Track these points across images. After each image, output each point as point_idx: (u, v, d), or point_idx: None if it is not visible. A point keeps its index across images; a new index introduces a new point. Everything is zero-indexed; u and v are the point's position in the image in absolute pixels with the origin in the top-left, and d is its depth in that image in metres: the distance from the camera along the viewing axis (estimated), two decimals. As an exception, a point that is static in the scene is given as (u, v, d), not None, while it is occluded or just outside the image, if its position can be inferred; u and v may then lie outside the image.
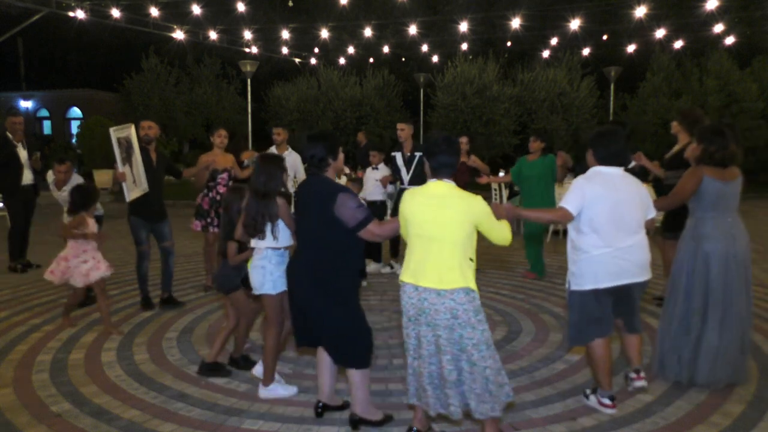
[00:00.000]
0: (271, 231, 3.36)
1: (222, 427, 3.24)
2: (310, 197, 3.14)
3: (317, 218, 3.07)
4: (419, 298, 2.79)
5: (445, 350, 2.77)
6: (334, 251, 3.07)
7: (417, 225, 2.84)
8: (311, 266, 3.11)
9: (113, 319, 5.21)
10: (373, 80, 23.74)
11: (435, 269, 2.76)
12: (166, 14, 16.54)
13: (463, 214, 2.76)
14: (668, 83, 21.08)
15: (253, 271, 3.47)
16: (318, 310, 3.10)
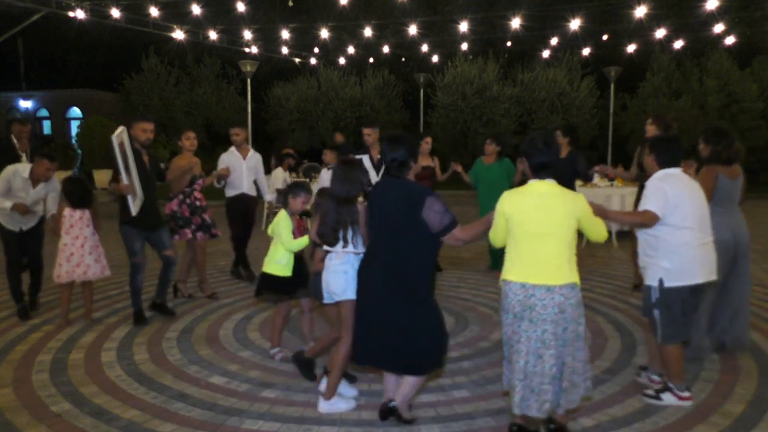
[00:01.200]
0: (351, 237, 3.26)
1: (222, 427, 3.24)
2: (392, 200, 3.06)
3: (400, 221, 3.01)
4: (526, 294, 2.85)
5: (549, 345, 2.82)
6: (414, 254, 3.02)
7: (523, 224, 2.88)
8: (389, 270, 3.03)
9: (113, 320, 5.22)
10: (373, 80, 23.75)
11: (545, 266, 2.83)
12: (166, 14, 16.54)
13: (569, 211, 2.86)
14: (668, 83, 21.08)
15: (333, 276, 3.31)
16: (394, 315, 3.02)
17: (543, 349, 2.82)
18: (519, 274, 2.88)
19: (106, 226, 6.06)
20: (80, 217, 5.02)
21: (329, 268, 3.34)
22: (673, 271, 3.35)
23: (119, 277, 6.79)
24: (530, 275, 2.84)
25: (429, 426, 3.23)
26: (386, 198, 3.10)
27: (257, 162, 6.60)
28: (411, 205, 2.98)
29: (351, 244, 3.26)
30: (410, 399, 3.24)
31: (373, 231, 3.17)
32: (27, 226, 5.38)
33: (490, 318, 5.26)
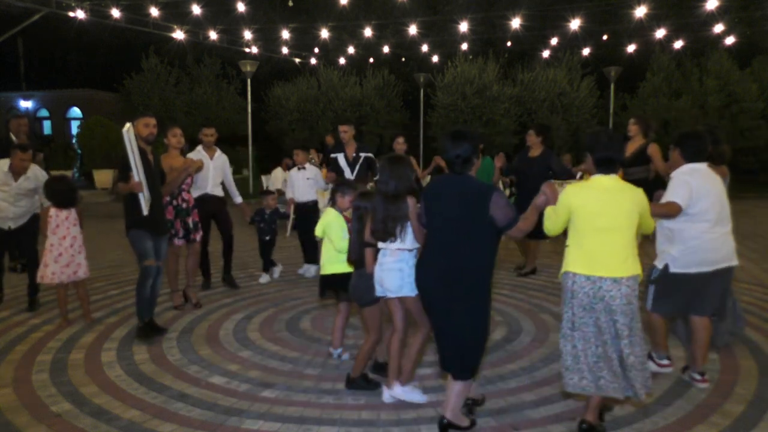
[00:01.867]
0: (400, 233, 3.27)
1: (222, 427, 3.24)
2: (455, 197, 3.04)
3: (466, 218, 3.00)
4: (593, 287, 2.93)
5: (622, 334, 2.92)
6: (480, 250, 3.02)
7: (589, 217, 2.96)
8: (454, 268, 3.01)
9: (113, 320, 5.22)
10: (373, 80, 23.75)
11: (612, 258, 2.92)
12: (166, 14, 16.55)
13: (634, 204, 2.96)
14: (668, 83, 21.08)
15: (388, 273, 3.33)
16: (454, 313, 3.03)
17: (607, 337, 2.93)
18: (585, 267, 2.96)
19: (105, 225, 6.05)
20: (66, 217, 4.97)
21: (383, 265, 3.36)
22: (679, 259, 3.57)
23: (119, 277, 6.80)
24: (597, 268, 2.93)
25: (429, 426, 3.23)
26: (448, 196, 3.08)
27: (224, 163, 6.29)
28: (478, 202, 2.98)
29: (400, 239, 3.28)
30: (460, 407, 3.16)
31: (432, 229, 3.14)
32: (16, 224, 5.36)
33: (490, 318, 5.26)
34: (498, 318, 5.27)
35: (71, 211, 5.01)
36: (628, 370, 2.92)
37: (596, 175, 3.04)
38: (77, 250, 5.03)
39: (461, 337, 3.04)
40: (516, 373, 3.98)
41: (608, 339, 2.93)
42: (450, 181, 3.15)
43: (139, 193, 4.53)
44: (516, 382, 3.83)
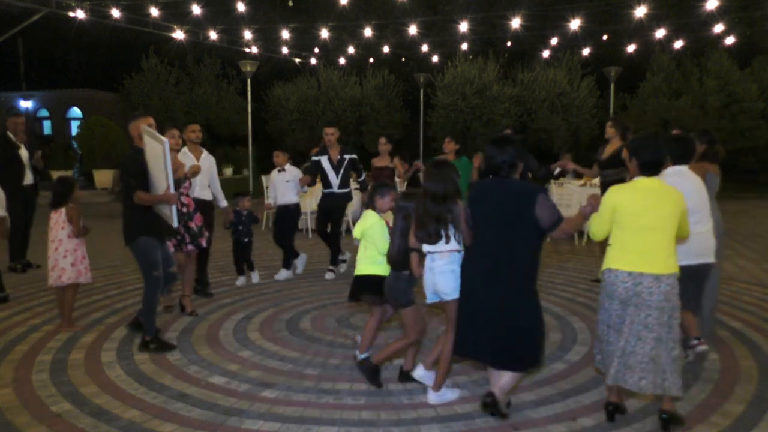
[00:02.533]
0: (453, 234, 3.30)
1: (222, 427, 3.24)
2: (501, 200, 3.17)
3: (512, 220, 3.12)
4: (634, 282, 3.06)
5: (651, 329, 3.03)
6: (526, 251, 3.15)
7: (633, 217, 3.10)
8: (501, 268, 3.13)
9: (113, 320, 5.21)
10: (373, 80, 23.74)
11: (653, 256, 3.06)
12: (166, 14, 16.54)
13: (677, 206, 3.11)
14: (668, 83, 21.08)
15: (442, 276, 3.34)
16: (503, 311, 3.12)
17: (645, 332, 3.04)
18: (627, 264, 3.09)
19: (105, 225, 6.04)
20: (56, 220, 4.86)
21: (435, 269, 3.37)
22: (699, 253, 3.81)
23: (119, 276, 6.81)
24: (639, 264, 3.06)
25: (429, 426, 3.23)
26: (494, 198, 3.21)
27: (211, 164, 6.00)
28: (525, 203, 3.10)
29: (454, 240, 3.31)
30: (509, 392, 3.32)
31: (478, 232, 3.25)
32: None
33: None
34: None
35: (60, 213, 4.85)
36: (660, 365, 3.02)
37: (639, 177, 3.19)
38: (61, 254, 4.82)
39: (509, 331, 3.15)
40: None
41: (639, 334, 3.05)
42: (496, 184, 3.25)
43: (174, 205, 4.24)
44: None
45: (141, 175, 4.26)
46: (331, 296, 6.06)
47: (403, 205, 3.61)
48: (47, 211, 4.99)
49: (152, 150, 4.19)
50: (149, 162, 4.26)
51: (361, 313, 5.43)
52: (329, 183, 6.71)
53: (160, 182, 4.20)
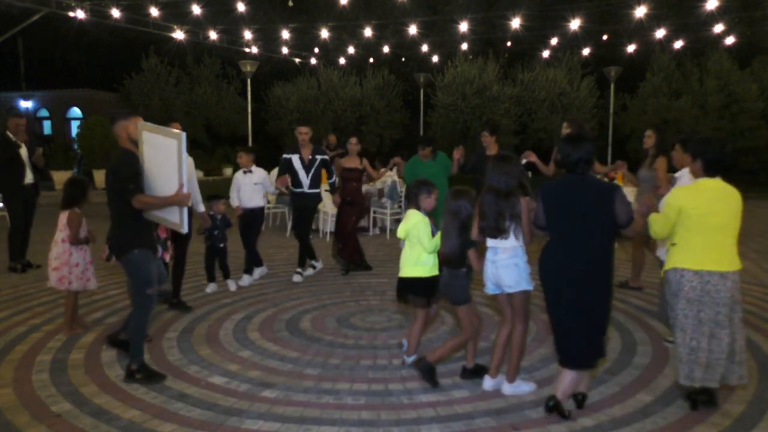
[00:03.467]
0: (514, 229, 3.40)
1: (222, 427, 3.24)
2: (580, 197, 3.20)
3: (592, 216, 3.16)
4: (701, 281, 3.18)
5: (723, 325, 3.17)
6: (606, 246, 3.20)
7: (701, 218, 3.19)
8: (579, 265, 3.17)
9: (113, 320, 5.21)
10: (373, 80, 23.75)
11: (720, 254, 3.19)
12: (166, 14, 16.54)
13: (739, 204, 3.24)
14: (668, 83, 21.07)
15: (505, 270, 3.45)
16: (591, 309, 3.20)
17: (717, 329, 3.17)
18: (695, 263, 3.21)
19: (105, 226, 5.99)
20: (64, 221, 4.83)
21: (497, 262, 3.45)
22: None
23: (119, 277, 6.79)
24: (706, 263, 3.18)
25: (429, 426, 3.23)
26: (572, 196, 3.22)
27: (190, 165, 5.38)
28: (605, 200, 3.14)
29: (513, 235, 3.40)
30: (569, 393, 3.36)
31: (556, 229, 3.28)
32: None
33: (490, 318, 5.26)
34: (498, 318, 5.26)
35: (65, 214, 4.84)
36: (728, 358, 3.18)
37: (703, 178, 3.28)
38: (54, 256, 4.77)
39: (587, 331, 3.21)
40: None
41: (708, 330, 3.18)
42: (573, 181, 3.26)
43: (186, 206, 3.79)
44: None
45: (137, 178, 3.77)
46: (331, 296, 6.06)
47: (455, 204, 3.63)
48: (47, 211, 4.99)
49: (156, 147, 3.77)
50: (148, 162, 3.84)
51: (361, 313, 5.44)
52: (300, 183, 6.59)
53: (165, 182, 3.75)
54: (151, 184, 3.83)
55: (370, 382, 3.85)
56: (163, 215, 3.87)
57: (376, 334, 4.83)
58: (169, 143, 3.68)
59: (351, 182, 7.04)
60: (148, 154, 3.85)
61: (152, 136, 3.80)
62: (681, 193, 3.30)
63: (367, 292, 6.22)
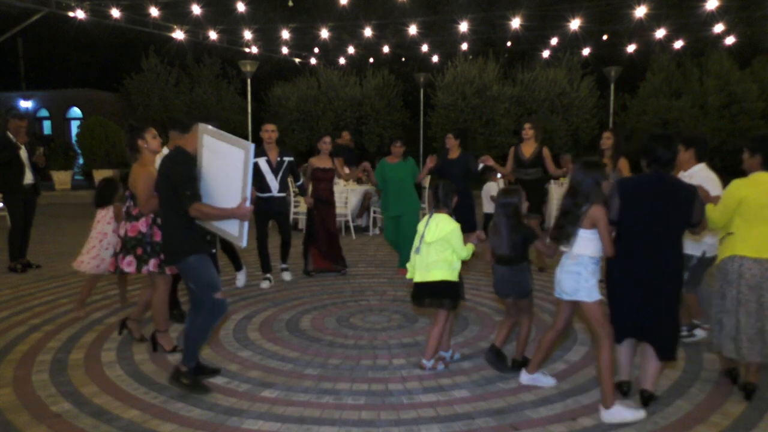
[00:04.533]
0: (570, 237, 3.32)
1: (222, 427, 3.24)
2: (663, 194, 3.26)
3: (673, 214, 3.24)
4: (760, 268, 3.41)
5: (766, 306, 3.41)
6: (681, 242, 3.34)
7: (759, 208, 3.43)
8: (657, 264, 3.25)
9: (113, 320, 5.21)
10: (373, 80, 23.73)
11: None
12: (166, 14, 16.54)
13: None
14: (668, 83, 21.06)
15: (566, 276, 3.38)
16: (662, 308, 3.29)
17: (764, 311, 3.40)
18: (754, 251, 3.42)
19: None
20: (104, 215, 5.26)
21: (563, 267, 3.42)
22: (713, 244, 4.10)
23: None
24: (764, 251, 3.40)
25: (429, 426, 3.23)
26: (654, 194, 3.27)
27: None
28: (688, 199, 3.23)
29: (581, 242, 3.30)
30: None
31: (634, 228, 3.30)
32: None
33: (490, 318, 5.26)
34: (498, 318, 5.27)
35: (108, 210, 5.24)
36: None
37: (760, 172, 3.50)
38: (104, 246, 5.14)
39: (668, 328, 3.33)
40: (516, 373, 3.98)
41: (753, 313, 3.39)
42: (655, 180, 3.31)
43: (246, 223, 3.55)
44: (516, 382, 3.83)
45: (194, 183, 3.51)
46: (331, 296, 6.06)
47: (506, 202, 3.74)
48: (47, 211, 5.02)
49: (219, 154, 3.52)
50: (206, 168, 3.60)
51: (361, 313, 5.44)
52: (267, 186, 6.34)
53: (226, 193, 3.50)
54: (209, 192, 3.57)
55: (370, 382, 3.85)
56: (220, 226, 3.64)
57: (376, 334, 4.83)
58: (235, 153, 3.42)
59: (323, 182, 6.88)
60: (208, 159, 3.60)
61: (215, 143, 3.55)
62: (741, 184, 3.49)
63: (367, 292, 6.22)
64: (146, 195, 4.08)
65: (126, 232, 4.32)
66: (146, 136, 4.21)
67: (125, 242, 4.31)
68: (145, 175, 4.10)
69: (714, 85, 20.11)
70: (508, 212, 3.74)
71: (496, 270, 3.88)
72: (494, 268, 3.91)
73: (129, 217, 4.33)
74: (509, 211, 3.74)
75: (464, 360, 4.24)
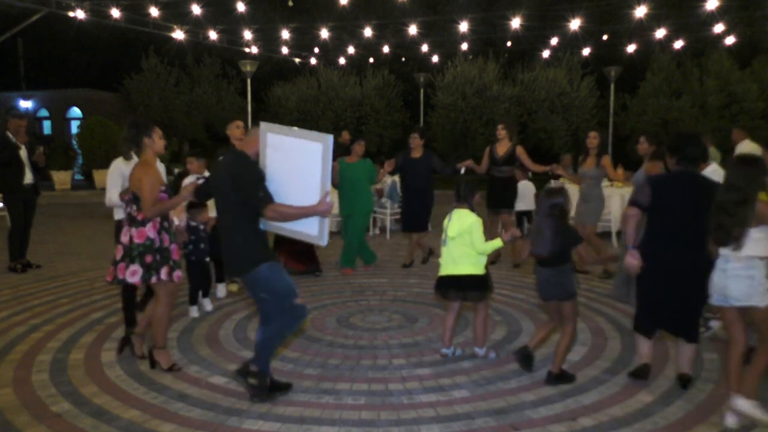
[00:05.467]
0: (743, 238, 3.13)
1: (222, 427, 3.24)
2: (693, 190, 3.51)
3: (700, 209, 3.38)
4: None
5: None
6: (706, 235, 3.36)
7: None
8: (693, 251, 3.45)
9: (113, 320, 5.20)
10: (373, 80, 23.74)
11: None
12: (166, 14, 16.54)
13: None
14: (668, 83, 21.06)
15: (735, 280, 3.17)
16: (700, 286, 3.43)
17: None
18: None
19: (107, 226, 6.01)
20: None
21: (727, 271, 3.20)
22: None
23: (119, 277, 6.79)
24: None
25: (429, 426, 3.23)
26: (685, 189, 3.52)
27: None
28: (710, 193, 3.35)
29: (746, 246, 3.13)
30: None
31: (663, 218, 3.54)
32: None
33: (489, 318, 5.26)
34: (498, 318, 5.27)
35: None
36: None
37: None
38: None
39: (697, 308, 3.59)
40: (516, 373, 3.98)
41: None
42: (685, 176, 3.56)
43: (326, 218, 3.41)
44: (516, 382, 3.83)
45: (263, 184, 3.35)
46: (331, 296, 6.06)
47: (554, 203, 3.66)
48: (47, 211, 4.99)
49: (287, 151, 3.37)
50: (271, 167, 3.44)
51: (361, 313, 5.44)
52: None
53: (300, 191, 3.34)
54: (279, 192, 3.36)
55: (370, 382, 3.85)
56: (296, 227, 3.43)
57: (376, 334, 4.83)
58: (310, 147, 3.28)
59: None
60: (275, 159, 3.42)
61: (284, 140, 3.37)
62: None
63: (367, 292, 6.22)
64: (153, 198, 3.80)
65: (131, 238, 3.88)
66: (153, 135, 3.95)
67: (130, 250, 3.86)
68: (152, 175, 3.82)
69: (714, 85, 20.11)
70: (555, 213, 3.65)
71: (539, 272, 3.81)
72: (537, 271, 3.84)
73: (134, 222, 3.91)
74: (556, 211, 3.65)
75: (464, 360, 4.24)
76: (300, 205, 3.30)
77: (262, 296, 3.44)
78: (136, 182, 3.86)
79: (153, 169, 3.86)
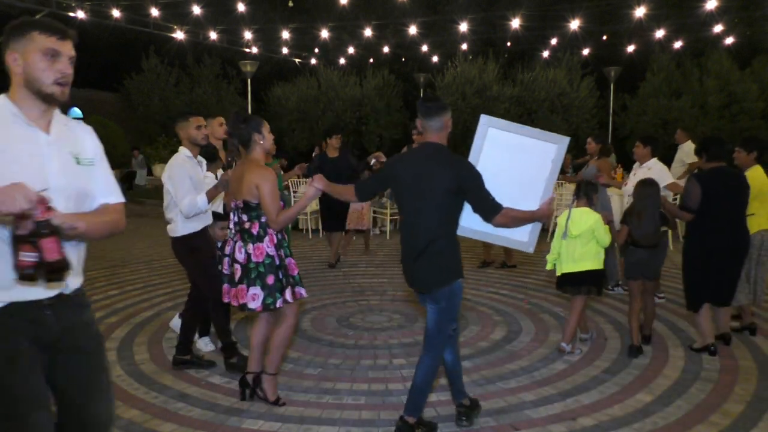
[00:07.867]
0: None
1: (222, 427, 3.24)
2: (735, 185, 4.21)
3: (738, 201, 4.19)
4: None
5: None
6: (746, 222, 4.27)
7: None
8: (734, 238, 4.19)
9: (113, 320, 5.19)
10: (373, 80, 23.73)
11: None
12: (166, 14, 16.55)
13: None
14: (668, 83, 21.06)
15: None
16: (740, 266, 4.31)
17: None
18: None
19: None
20: None
21: None
22: None
23: (119, 277, 6.80)
24: None
25: (429, 426, 3.22)
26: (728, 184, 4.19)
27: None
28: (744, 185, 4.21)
29: None
30: None
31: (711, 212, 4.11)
32: None
33: (489, 318, 5.26)
34: (497, 318, 5.27)
35: None
36: None
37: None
38: None
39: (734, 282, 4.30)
40: (516, 373, 3.98)
41: None
42: (727, 172, 4.24)
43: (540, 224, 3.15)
44: (516, 382, 3.83)
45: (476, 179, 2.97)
46: (331, 296, 6.06)
47: (650, 191, 4.27)
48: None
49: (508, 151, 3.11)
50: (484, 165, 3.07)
51: (361, 313, 5.44)
52: None
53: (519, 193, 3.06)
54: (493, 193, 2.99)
55: (370, 382, 3.85)
56: (503, 233, 3.12)
57: (376, 334, 4.83)
58: (541, 147, 3.08)
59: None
60: (492, 156, 3.11)
61: (510, 137, 3.13)
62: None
63: (367, 292, 6.22)
64: (277, 206, 3.22)
65: (249, 256, 3.25)
66: (263, 130, 3.34)
67: (248, 270, 3.25)
68: (271, 180, 3.21)
69: (714, 85, 20.11)
70: (657, 200, 4.28)
71: (633, 253, 4.34)
72: (629, 252, 4.37)
73: (249, 236, 3.27)
74: (657, 199, 4.29)
75: (464, 360, 4.23)
76: (527, 211, 3.00)
77: (445, 308, 2.99)
78: (250, 188, 3.21)
79: (269, 172, 3.24)
